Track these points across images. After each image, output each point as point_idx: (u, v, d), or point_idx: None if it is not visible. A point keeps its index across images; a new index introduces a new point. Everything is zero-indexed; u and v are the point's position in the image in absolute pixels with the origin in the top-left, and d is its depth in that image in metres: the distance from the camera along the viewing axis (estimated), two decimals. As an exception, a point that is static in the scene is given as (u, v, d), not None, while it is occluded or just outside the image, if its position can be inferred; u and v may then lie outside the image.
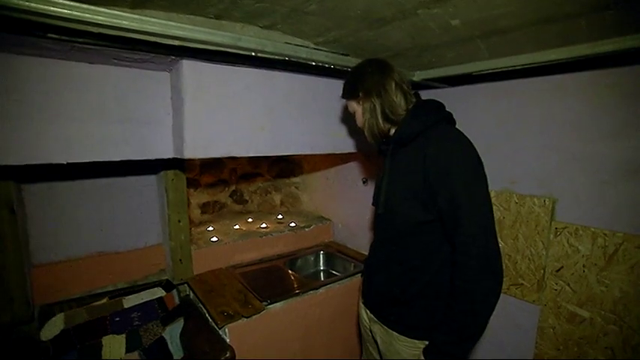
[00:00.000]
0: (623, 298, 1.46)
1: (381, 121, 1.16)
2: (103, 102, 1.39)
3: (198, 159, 2.77)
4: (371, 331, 1.33)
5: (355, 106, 1.25)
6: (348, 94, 1.26)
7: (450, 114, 1.22)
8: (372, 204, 1.34)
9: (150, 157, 1.53)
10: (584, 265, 1.55)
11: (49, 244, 1.87)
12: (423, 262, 1.12)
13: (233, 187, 3.15)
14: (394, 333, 1.17)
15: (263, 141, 1.59)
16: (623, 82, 1.40)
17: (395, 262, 1.17)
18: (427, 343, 1.09)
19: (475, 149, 1.08)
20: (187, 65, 1.36)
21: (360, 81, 1.19)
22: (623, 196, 1.44)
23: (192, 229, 2.57)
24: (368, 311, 1.33)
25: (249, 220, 2.81)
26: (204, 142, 1.44)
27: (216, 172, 2.99)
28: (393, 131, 1.20)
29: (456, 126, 1.23)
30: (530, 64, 1.39)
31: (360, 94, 1.19)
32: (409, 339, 1.14)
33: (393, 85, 1.15)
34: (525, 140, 1.70)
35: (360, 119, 1.25)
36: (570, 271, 1.59)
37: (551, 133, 1.62)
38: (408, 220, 1.10)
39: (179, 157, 1.49)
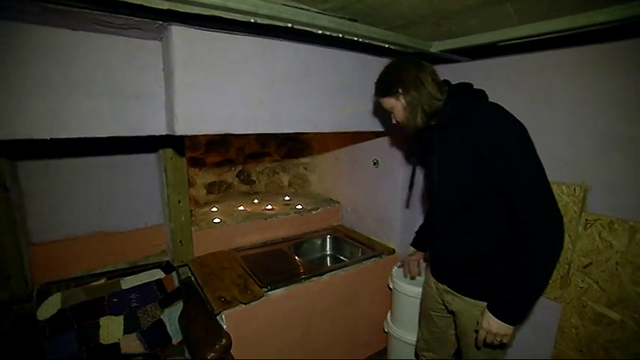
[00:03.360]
0: (661, 300, 1.30)
1: (421, 113, 1.21)
2: (89, 73, 1.28)
3: (202, 136, 2.68)
4: (444, 303, 1.39)
5: (393, 102, 1.28)
6: (385, 91, 1.28)
7: (482, 90, 1.23)
8: (425, 188, 1.42)
9: (142, 134, 1.42)
10: (617, 263, 1.39)
11: (49, 223, 1.83)
12: (486, 229, 1.17)
13: (240, 167, 3.06)
14: (470, 300, 1.24)
15: (262, 117, 1.46)
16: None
17: (460, 234, 1.23)
18: None
19: (514, 116, 1.11)
20: (177, 32, 1.23)
21: (397, 77, 1.23)
22: (671, 186, 1.25)
23: (197, 209, 2.51)
24: (439, 284, 1.38)
25: (255, 201, 2.72)
26: (196, 117, 1.32)
27: (222, 151, 2.90)
28: (432, 122, 1.25)
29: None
30: (569, 29, 1.19)
31: (400, 90, 1.23)
32: (484, 302, 1.18)
33: (429, 78, 1.20)
34: (555, 120, 1.51)
35: (400, 114, 1.28)
36: (600, 268, 1.43)
37: (586, 112, 1.43)
38: (465, 192, 1.16)
39: (171, 133, 1.38)
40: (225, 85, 1.36)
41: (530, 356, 1.71)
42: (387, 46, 1.57)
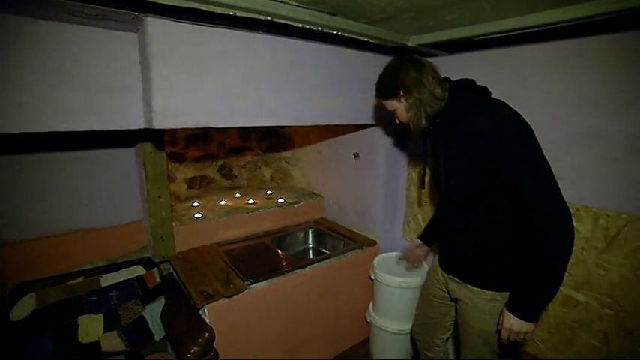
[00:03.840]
0: (621, 282, 1.39)
1: (425, 113, 1.21)
2: (61, 65, 1.24)
3: (182, 131, 2.63)
4: (447, 291, 1.44)
5: (396, 104, 1.28)
6: (387, 93, 1.29)
7: (485, 87, 1.24)
8: (436, 186, 1.42)
9: (119, 128, 1.39)
10: (582, 248, 1.47)
11: (22, 221, 1.77)
12: (492, 225, 1.20)
13: (221, 162, 3.03)
14: (474, 288, 1.27)
15: (243, 110, 1.45)
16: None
17: (467, 229, 1.26)
18: (505, 294, 1.20)
19: (518, 114, 1.14)
20: (154, 24, 1.21)
21: (398, 79, 1.22)
22: (632, 175, 1.33)
23: (178, 204, 2.48)
24: (444, 273, 1.42)
25: (237, 195, 2.71)
26: (175, 111, 1.31)
27: (203, 146, 2.86)
28: (437, 120, 1.25)
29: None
30: (542, 24, 1.24)
31: (401, 92, 1.23)
32: (488, 291, 1.24)
33: (430, 78, 1.20)
34: (530, 113, 1.57)
35: (403, 116, 1.28)
36: (568, 254, 1.51)
37: (559, 105, 1.49)
38: (471, 191, 1.19)
39: (149, 127, 1.35)
40: (204, 79, 1.34)
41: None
42: (366, 40, 1.59)
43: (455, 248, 1.35)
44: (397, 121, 1.34)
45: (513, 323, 1.12)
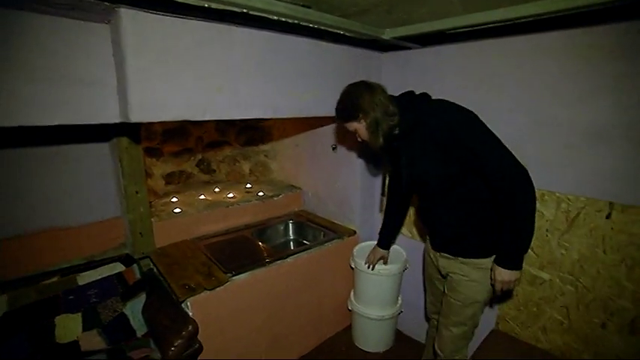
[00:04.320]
0: (581, 259, 1.50)
1: (382, 130, 1.36)
2: (27, 57, 1.19)
3: (159, 126, 2.59)
4: (438, 268, 1.58)
5: (356, 125, 1.42)
6: (348, 117, 1.42)
7: (425, 93, 1.41)
8: (395, 185, 1.69)
9: (93, 122, 1.36)
10: (547, 230, 1.57)
11: (-11, 221, 1.70)
12: (467, 204, 1.37)
13: (200, 156, 2.99)
14: (464, 259, 1.43)
15: (220, 103, 1.45)
16: (601, 43, 1.35)
17: (448, 212, 1.41)
18: (486, 259, 1.38)
19: (458, 104, 1.31)
20: (126, 15, 1.18)
21: (356, 104, 1.37)
22: (588, 161, 1.44)
23: (156, 200, 2.44)
24: (435, 252, 1.57)
25: (216, 190, 2.69)
26: (152, 104, 1.29)
27: (180, 141, 2.82)
28: (395, 132, 1.40)
29: (430, 94, 1.42)
30: (506, 19, 1.31)
31: (360, 115, 1.37)
32: (476, 259, 1.41)
33: (382, 98, 1.36)
34: (498, 102, 1.66)
35: (364, 134, 1.42)
36: (534, 236, 1.60)
37: (524, 96, 1.58)
38: (443, 178, 1.33)
39: (125, 121, 1.33)
40: (180, 71, 1.33)
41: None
42: (341, 32, 1.61)
43: (441, 230, 1.49)
44: (359, 139, 1.48)
45: (504, 275, 1.31)
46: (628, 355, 1.44)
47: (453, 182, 1.33)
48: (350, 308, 2.27)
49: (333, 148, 2.33)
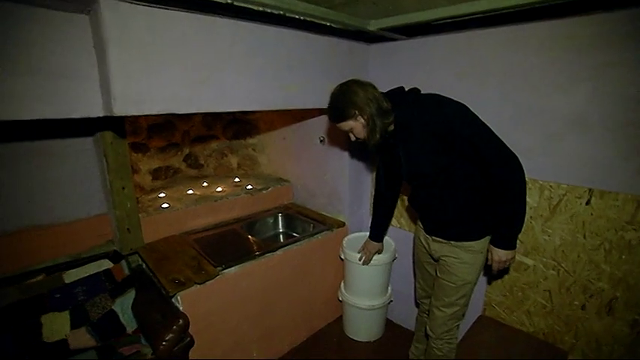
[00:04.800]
0: (562, 245, 1.55)
1: (380, 125, 1.37)
2: (3, 48, 1.15)
3: (144, 120, 2.54)
4: (430, 252, 1.62)
5: (352, 124, 1.42)
6: (343, 116, 1.41)
7: (416, 87, 1.44)
8: (392, 178, 1.72)
9: (75, 116, 1.32)
10: (531, 217, 1.62)
11: (-32, 220, 1.66)
12: (460, 191, 1.41)
13: (187, 151, 2.96)
14: (457, 242, 1.47)
15: (205, 96, 1.44)
16: (580, 33, 1.38)
17: (442, 198, 1.45)
18: (477, 242, 1.44)
19: (450, 98, 1.34)
20: (106, 5, 1.15)
21: (350, 101, 1.37)
22: (569, 149, 1.48)
23: (143, 196, 2.41)
24: (427, 236, 1.61)
25: (204, 184, 2.67)
26: (136, 97, 1.27)
27: (166, 135, 2.77)
28: (390, 129, 1.43)
29: (417, 85, 1.46)
30: (490, 10, 1.32)
31: (356, 112, 1.38)
32: (468, 242, 1.45)
33: (375, 94, 1.37)
34: (483, 94, 1.68)
35: (361, 132, 1.43)
36: (518, 223, 1.65)
37: (509, 85, 1.60)
38: (438, 167, 1.37)
39: (109, 114, 1.31)
40: (164, 64, 1.31)
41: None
42: (328, 24, 1.61)
43: (435, 215, 1.54)
44: (353, 139, 1.49)
45: (501, 254, 1.40)
46: (605, 335, 1.50)
47: (447, 171, 1.37)
48: (340, 299, 2.30)
49: (321, 141, 2.34)
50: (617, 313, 1.45)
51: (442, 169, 1.37)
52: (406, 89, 1.44)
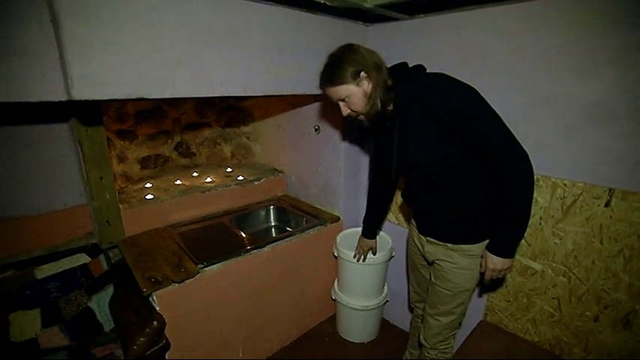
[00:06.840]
0: (575, 250, 1.40)
1: (382, 95, 1.19)
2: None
3: (131, 106, 2.41)
4: (424, 253, 1.48)
5: (353, 89, 1.19)
6: (342, 77, 1.18)
7: (420, 64, 1.25)
8: (386, 168, 1.42)
9: (32, 100, 1.18)
10: (541, 218, 1.46)
11: None
12: (459, 187, 1.25)
13: (178, 139, 2.83)
14: (453, 245, 1.34)
15: (181, 79, 1.29)
16: (603, 9, 1.19)
17: (439, 195, 1.30)
18: (476, 246, 1.30)
19: (459, 80, 1.17)
20: (59, -28, 1.01)
21: (356, 61, 1.17)
22: (588, 143, 1.31)
23: (130, 186, 2.30)
24: (421, 237, 1.47)
25: (195, 174, 2.55)
26: (98, 79, 1.13)
27: (156, 122, 2.64)
28: (389, 108, 1.24)
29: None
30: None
31: (360, 75, 1.17)
32: (465, 245, 1.31)
33: (383, 62, 1.21)
34: (491, 79, 1.51)
35: (359, 103, 1.21)
36: (526, 224, 1.50)
37: (519, 70, 1.43)
38: (439, 158, 1.21)
39: (68, 98, 1.17)
40: (130, 41, 1.16)
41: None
42: (321, 1, 1.44)
43: (430, 213, 1.38)
44: (345, 112, 1.26)
45: (496, 263, 1.24)
46: (620, 351, 1.35)
47: (447, 164, 1.21)
48: (333, 298, 2.18)
49: (316, 130, 2.18)
50: (636, 327, 1.30)
51: (440, 161, 1.21)
52: (410, 66, 1.26)
